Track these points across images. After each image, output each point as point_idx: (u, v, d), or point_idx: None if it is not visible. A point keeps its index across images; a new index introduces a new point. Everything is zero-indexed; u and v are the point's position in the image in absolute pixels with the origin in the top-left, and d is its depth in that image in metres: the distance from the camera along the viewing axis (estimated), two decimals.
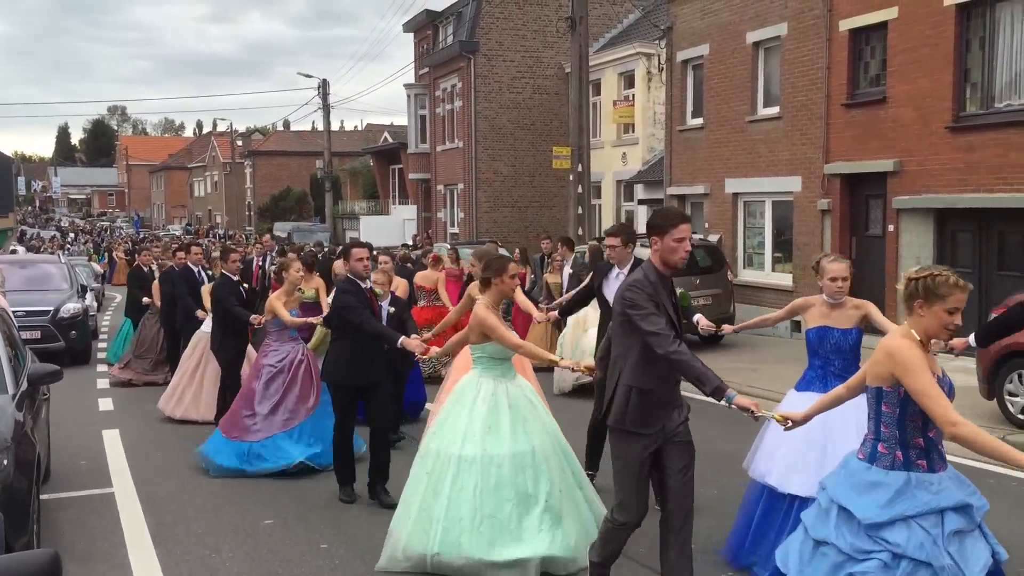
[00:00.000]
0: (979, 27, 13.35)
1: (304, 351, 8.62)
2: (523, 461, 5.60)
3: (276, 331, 8.51)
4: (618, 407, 4.73)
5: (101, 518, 7.04)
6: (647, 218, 4.66)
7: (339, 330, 7.25)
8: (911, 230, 14.37)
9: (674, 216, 4.76)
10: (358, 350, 7.07)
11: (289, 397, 8.33)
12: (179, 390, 10.72)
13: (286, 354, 8.46)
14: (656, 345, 4.51)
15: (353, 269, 7.23)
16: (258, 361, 8.62)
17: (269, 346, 8.53)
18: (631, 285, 4.67)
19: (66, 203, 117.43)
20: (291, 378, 8.37)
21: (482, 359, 5.92)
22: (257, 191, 67.16)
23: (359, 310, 6.96)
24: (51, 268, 17.63)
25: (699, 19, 19.44)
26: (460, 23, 31.83)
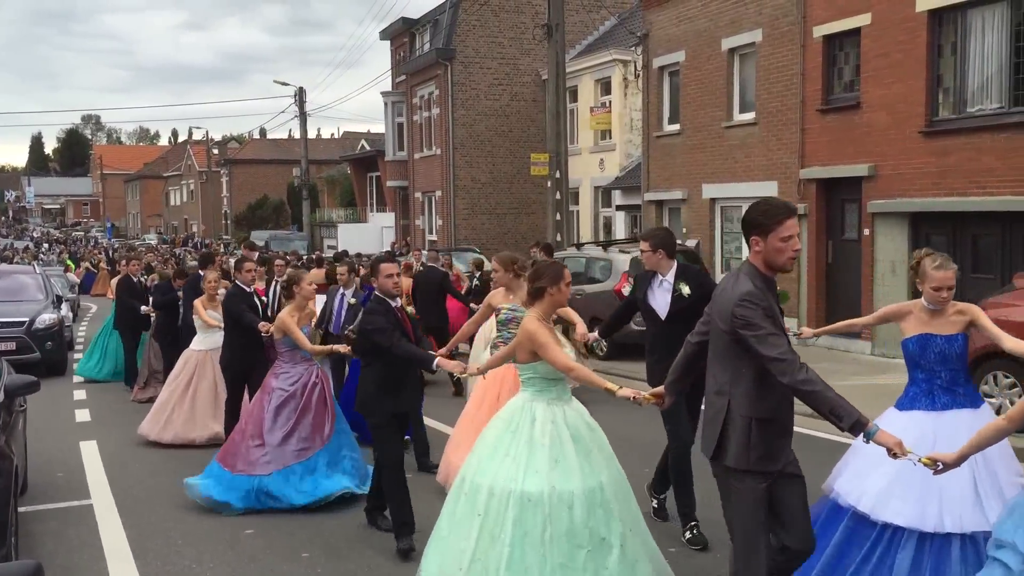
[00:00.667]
0: (951, 33, 13.51)
1: (318, 373, 7.81)
2: (594, 499, 4.86)
3: (287, 351, 7.68)
4: (738, 444, 4.06)
5: (80, 530, 6.98)
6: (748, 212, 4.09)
7: (369, 355, 6.47)
8: (886, 234, 14.51)
9: (778, 211, 4.07)
10: (392, 375, 6.39)
11: (303, 425, 7.50)
12: (167, 412, 9.88)
13: (299, 376, 7.65)
14: (781, 372, 3.86)
15: (382, 287, 6.48)
16: (267, 384, 7.74)
17: (279, 367, 7.71)
18: (743, 300, 3.96)
19: (40, 213, 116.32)
20: (304, 403, 7.57)
21: (533, 380, 5.14)
22: (234, 200, 66.89)
23: (390, 332, 6.22)
24: (26, 279, 17.45)
25: (675, 26, 19.56)
26: (437, 30, 31.86)
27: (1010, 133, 12.61)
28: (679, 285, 6.41)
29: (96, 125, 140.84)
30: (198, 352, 10.13)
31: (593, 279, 15.58)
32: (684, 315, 6.07)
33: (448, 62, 30.20)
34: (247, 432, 7.58)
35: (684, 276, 6.47)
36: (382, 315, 6.32)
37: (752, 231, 4.09)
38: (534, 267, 5.47)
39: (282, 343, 7.67)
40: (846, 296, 15.50)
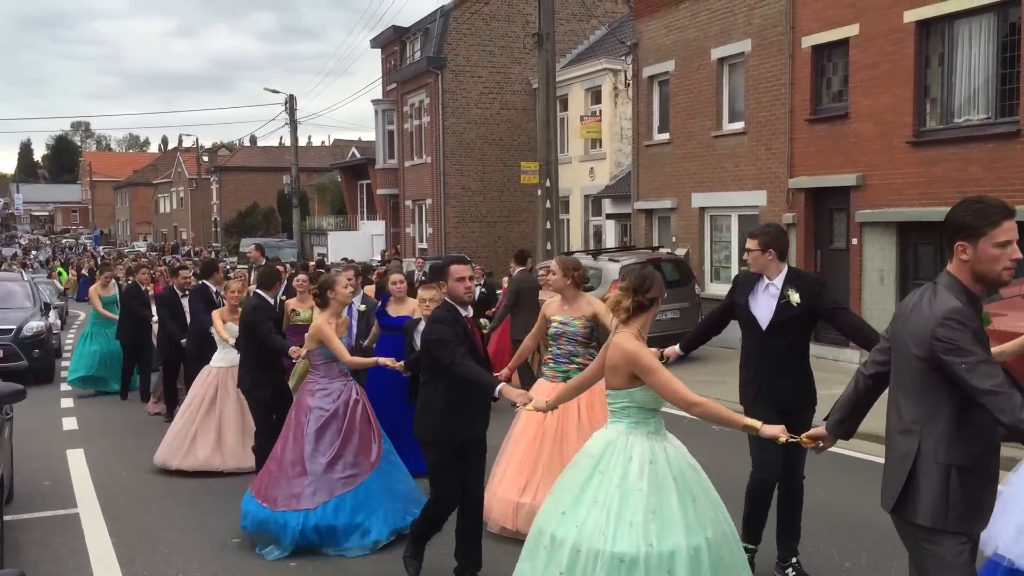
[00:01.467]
0: (938, 44, 13.60)
1: (357, 388, 6.95)
2: (700, 559, 4.08)
3: (324, 363, 6.81)
4: (933, 498, 3.35)
5: (66, 539, 6.95)
6: (954, 212, 3.08)
7: (432, 371, 5.58)
8: (874, 243, 14.58)
9: (993, 211, 3.37)
10: (456, 397, 5.49)
11: (348, 448, 6.64)
12: (189, 437, 8.89)
13: (338, 393, 6.77)
14: (999, 410, 3.16)
15: (453, 292, 5.60)
16: (302, 403, 6.81)
17: (315, 383, 6.82)
18: (948, 318, 3.27)
19: (29, 220, 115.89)
20: (348, 423, 6.69)
21: (629, 410, 4.33)
22: (223, 207, 66.77)
23: (453, 346, 5.34)
24: (14, 286, 17.40)
25: (665, 35, 19.64)
26: (427, 39, 31.90)
27: (996, 143, 12.70)
28: (788, 292, 5.59)
29: (86, 132, 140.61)
30: (220, 369, 9.14)
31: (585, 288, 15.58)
32: (789, 327, 5.55)
33: (439, 70, 30.24)
34: (285, 460, 6.63)
35: (795, 282, 5.63)
36: (449, 325, 5.45)
37: (959, 235, 3.39)
38: (638, 276, 4.47)
39: (318, 355, 6.78)
40: None
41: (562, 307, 6.76)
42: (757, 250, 5.71)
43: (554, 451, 6.47)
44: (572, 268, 6.77)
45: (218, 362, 9.25)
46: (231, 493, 7.96)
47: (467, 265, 5.74)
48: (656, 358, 4.34)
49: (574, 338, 6.65)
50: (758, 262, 5.72)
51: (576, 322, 6.64)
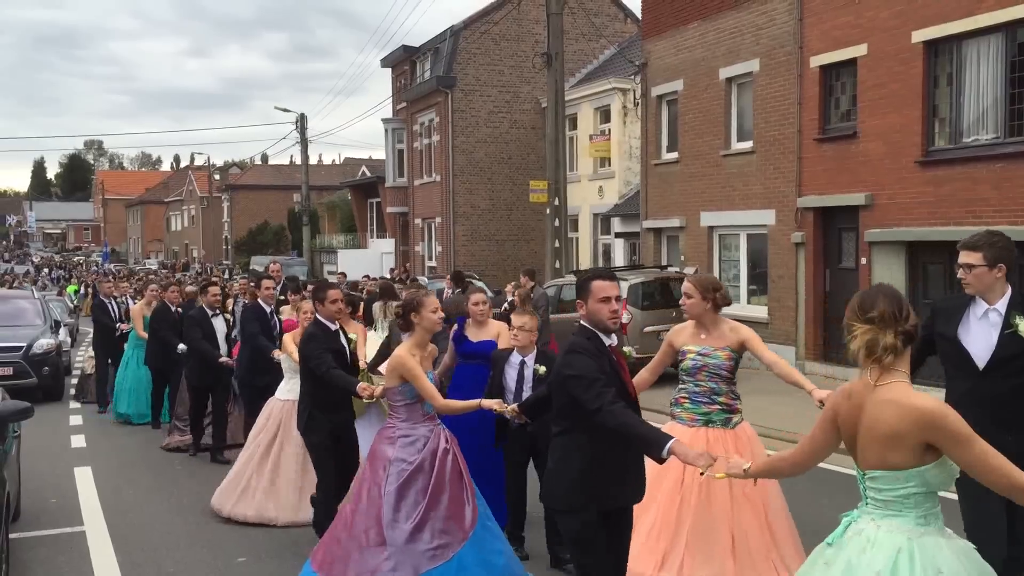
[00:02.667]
0: (947, 64, 13.61)
1: (447, 436, 5.59)
2: None
3: (406, 405, 5.48)
4: None
5: (71, 557, 6.94)
6: None
7: (567, 418, 4.22)
8: (883, 263, 14.54)
9: None
10: (603, 453, 4.16)
11: (436, 512, 5.33)
12: (244, 479, 7.78)
13: (424, 441, 5.46)
14: None
15: (593, 315, 4.25)
16: (380, 453, 5.49)
17: (395, 429, 5.51)
18: None
19: (41, 238, 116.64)
20: (436, 480, 5.37)
21: (914, 498, 3.08)
22: (234, 225, 67.07)
23: (598, 386, 3.99)
24: (24, 303, 17.49)
25: (673, 55, 19.71)
26: (437, 58, 32.08)
27: (1005, 163, 12.67)
28: (1015, 319, 4.42)
29: (98, 150, 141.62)
30: (287, 402, 7.78)
31: None
32: (1014, 366, 4.42)
33: (448, 90, 30.39)
34: (358, 526, 5.37)
35: (1023, 306, 4.48)
36: (592, 357, 4.12)
37: None
38: (891, 298, 3.21)
39: (400, 394, 5.47)
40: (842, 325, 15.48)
41: (698, 335, 5.64)
42: (983, 265, 4.51)
43: (700, 515, 5.32)
44: (712, 288, 5.60)
45: (285, 394, 7.93)
46: None
47: (613, 282, 4.29)
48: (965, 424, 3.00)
49: (716, 372, 5.56)
50: (983, 281, 4.52)
51: (719, 353, 5.58)
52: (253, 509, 7.58)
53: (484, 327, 7.34)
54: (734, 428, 5.61)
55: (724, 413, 5.57)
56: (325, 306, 6.74)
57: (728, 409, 5.59)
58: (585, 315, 4.30)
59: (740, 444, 5.46)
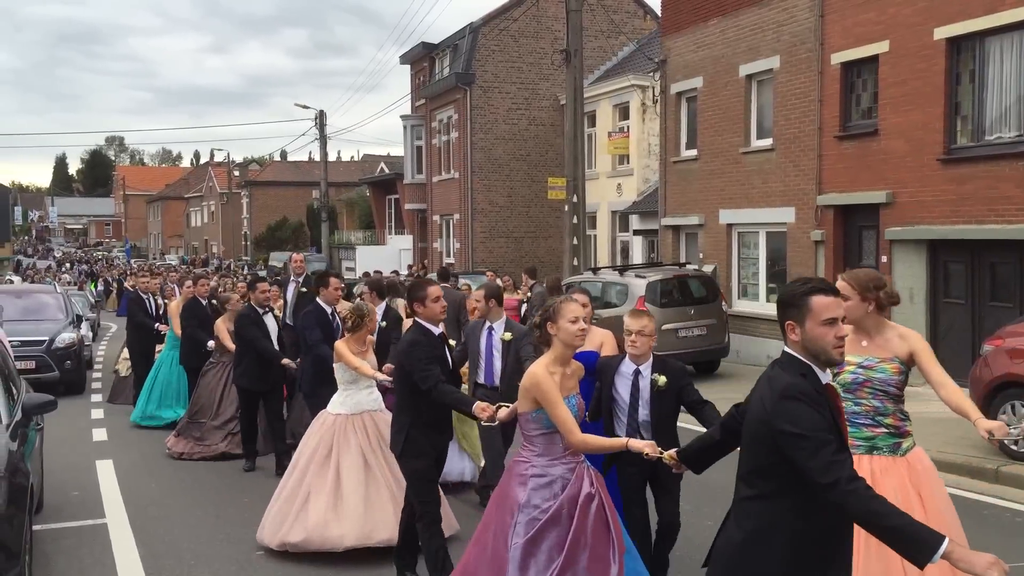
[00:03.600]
0: (969, 60, 13.51)
1: (592, 475, 4.56)
2: None
3: (542, 435, 4.48)
4: None
5: (93, 549, 7.01)
6: None
7: (771, 478, 3.26)
8: (904, 261, 14.45)
9: None
10: (818, 532, 3.23)
11: (575, 568, 4.38)
12: (299, 498, 6.73)
13: (562, 483, 4.45)
14: None
15: (813, 342, 3.29)
16: (508, 493, 4.55)
17: (528, 464, 4.51)
18: None
19: (63, 233, 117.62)
20: (575, 534, 4.39)
21: None
22: (253, 221, 67.38)
23: (830, 451, 3.09)
24: (47, 298, 17.64)
25: (693, 52, 19.64)
26: (456, 55, 32.11)
27: None
28: None
29: (119, 146, 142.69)
30: (337, 416, 6.96)
31: (609, 303, 15.58)
32: None
33: (467, 87, 30.41)
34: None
35: None
36: (814, 406, 3.15)
37: None
38: None
39: (533, 421, 4.46)
40: None
41: (859, 342, 4.63)
42: None
43: (873, 552, 4.27)
44: (872, 286, 4.61)
45: (337, 407, 7.01)
46: (258, 505, 8.01)
47: (836, 298, 3.35)
48: None
49: (882, 389, 4.57)
50: None
51: (886, 367, 4.57)
52: (309, 527, 6.51)
53: None
54: (904, 455, 4.58)
55: (892, 437, 4.57)
56: (427, 307, 5.72)
57: (896, 432, 4.58)
58: (799, 341, 3.29)
59: (914, 476, 4.50)
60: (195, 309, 11.42)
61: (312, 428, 7.13)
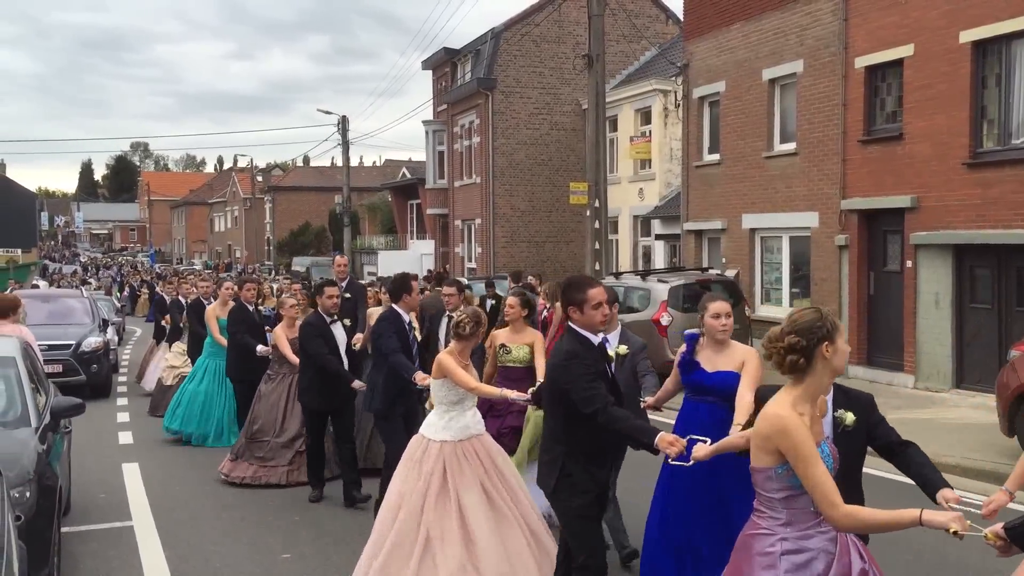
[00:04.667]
0: (995, 64, 13.40)
1: (856, 546, 3.43)
2: None
3: (786, 495, 3.36)
4: None
5: (120, 551, 7.08)
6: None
7: None
8: (929, 266, 14.34)
9: None
10: None
11: None
12: (419, 543, 5.51)
13: (826, 561, 3.32)
14: None
15: None
16: (755, 561, 3.38)
17: (773, 537, 3.37)
18: None
19: (88, 238, 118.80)
20: None
21: None
22: (276, 226, 67.77)
23: None
24: (73, 303, 17.84)
25: (715, 56, 19.60)
26: (478, 60, 32.19)
27: None
28: None
29: (144, 152, 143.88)
30: (445, 444, 5.81)
31: (632, 308, 15.55)
32: None
33: (489, 92, 30.48)
34: None
35: None
36: None
37: None
38: None
39: (774, 478, 3.35)
40: (888, 329, 15.33)
41: None
42: None
43: None
44: None
45: (440, 432, 5.85)
46: (283, 508, 8.06)
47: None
48: None
49: None
50: None
51: None
52: None
53: (724, 349, 5.39)
54: None
55: None
56: (584, 313, 4.63)
57: None
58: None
59: None
60: (242, 315, 10.46)
61: (412, 457, 5.88)
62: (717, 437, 4.49)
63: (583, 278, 4.97)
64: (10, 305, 8.70)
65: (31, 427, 6.19)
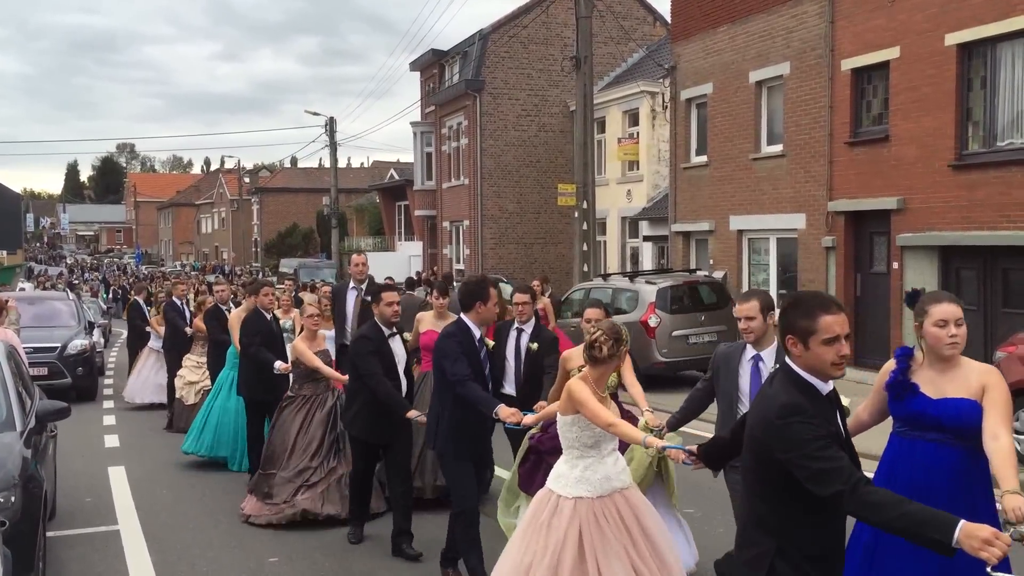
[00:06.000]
0: (980, 67, 13.48)
1: None
2: None
3: None
4: None
5: (106, 556, 7.04)
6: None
7: None
8: (915, 267, 14.41)
9: None
10: None
11: None
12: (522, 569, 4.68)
13: None
14: None
15: None
16: None
17: None
18: None
19: (74, 239, 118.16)
20: None
21: None
22: (264, 227, 67.61)
23: None
24: (59, 305, 17.75)
25: (702, 58, 19.65)
26: (466, 62, 32.18)
27: None
28: None
29: (131, 153, 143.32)
30: (580, 502, 4.69)
31: (620, 310, 15.56)
32: None
33: (477, 93, 30.47)
34: None
35: None
36: None
37: None
38: None
39: None
40: (875, 330, 15.39)
41: None
42: None
43: None
44: None
45: (573, 486, 4.72)
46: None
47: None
48: None
49: None
50: None
51: None
52: None
53: (952, 368, 4.13)
54: None
55: None
56: (810, 349, 3.18)
57: None
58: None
59: None
60: (258, 324, 8.93)
61: (537, 518, 4.74)
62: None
63: (815, 297, 3.33)
64: None
65: (16, 431, 6.14)
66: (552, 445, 5.25)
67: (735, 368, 5.13)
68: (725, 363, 5.22)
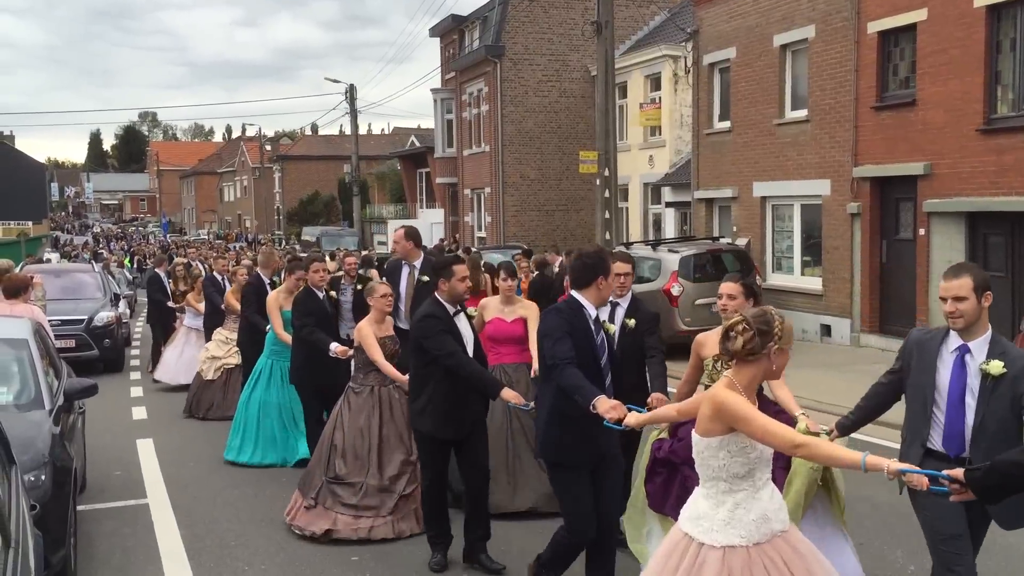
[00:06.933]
0: (1010, 28, 13.20)
1: None
2: None
3: None
4: None
5: (136, 529, 7.14)
6: None
7: None
8: (942, 233, 14.24)
9: None
10: None
11: None
12: None
13: None
14: None
15: None
16: None
17: None
18: None
19: (99, 208, 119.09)
20: None
21: None
22: (286, 195, 67.82)
23: None
24: (85, 277, 17.88)
25: (726, 22, 19.37)
26: (486, 27, 31.91)
27: None
28: None
29: (152, 122, 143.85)
30: (729, 551, 3.65)
31: (642, 278, 15.49)
32: None
33: (497, 59, 30.24)
34: None
35: None
36: None
37: None
38: None
39: None
40: (900, 297, 15.26)
41: None
42: None
43: None
44: None
45: (720, 532, 3.65)
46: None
47: None
48: None
49: None
50: None
51: None
52: None
53: None
54: None
55: None
56: None
57: None
58: None
59: None
60: (311, 303, 8.10)
61: (671, 568, 3.69)
62: None
63: None
64: (21, 285, 8.69)
65: (45, 409, 6.22)
66: (688, 455, 4.01)
67: (932, 361, 4.22)
68: (920, 353, 4.29)
